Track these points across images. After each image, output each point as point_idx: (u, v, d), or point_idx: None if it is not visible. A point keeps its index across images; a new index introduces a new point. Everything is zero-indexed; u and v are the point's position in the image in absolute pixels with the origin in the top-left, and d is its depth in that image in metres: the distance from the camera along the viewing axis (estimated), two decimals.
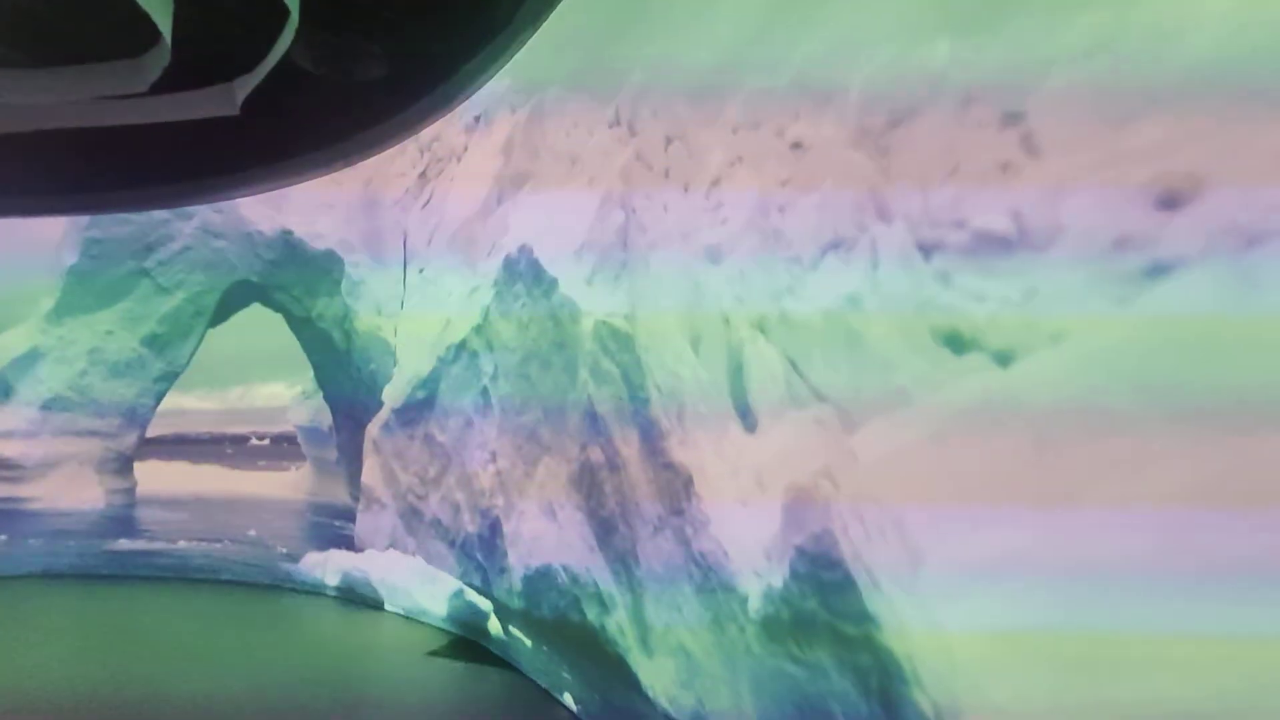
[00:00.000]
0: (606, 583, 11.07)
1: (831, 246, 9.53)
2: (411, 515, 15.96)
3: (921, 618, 5.23)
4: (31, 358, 18.96)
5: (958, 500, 5.76)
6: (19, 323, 19.17)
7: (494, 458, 13.37)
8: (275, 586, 17.90)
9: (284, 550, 18.24)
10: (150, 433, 20.49)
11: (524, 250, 12.62)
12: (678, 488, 9.18)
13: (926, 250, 8.11)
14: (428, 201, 19.05)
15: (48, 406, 18.75)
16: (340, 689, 12.58)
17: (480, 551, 14.05)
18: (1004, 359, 6.73)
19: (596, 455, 11.11)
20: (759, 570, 7.66)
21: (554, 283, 11.93)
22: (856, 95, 9.81)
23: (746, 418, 9.64)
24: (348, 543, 17.67)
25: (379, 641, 15.48)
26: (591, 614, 11.38)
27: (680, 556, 9.12)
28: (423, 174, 19.85)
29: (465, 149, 18.15)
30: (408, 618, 15.94)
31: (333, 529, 19.03)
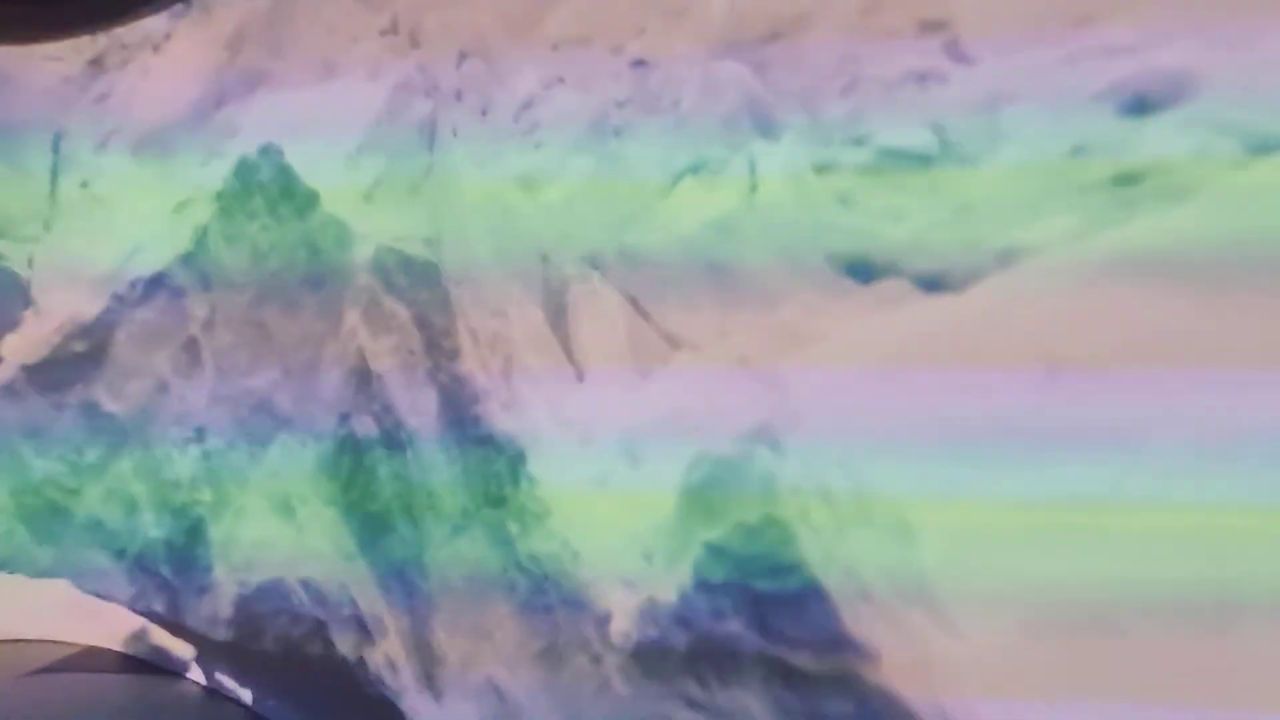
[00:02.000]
0: (371, 601, 8.26)
1: (691, 170, 8.10)
2: (50, 517, 11.23)
3: (952, 646, 3.67)
4: None
5: (956, 451, 4.31)
6: None
7: (200, 435, 9.65)
8: None
9: None
10: None
11: (268, 153, 9.18)
12: (499, 468, 6.84)
13: (820, 169, 6.94)
14: (104, 97, 14.10)
15: None
16: None
17: (169, 565, 10.12)
18: (931, 284, 5.62)
19: (366, 427, 8.26)
20: (631, 577, 5.68)
21: (312, 197, 8.76)
22: (721, 8, 8.68)
23: (574, 371, 7.66)
24: None
25: None
26: (344, 644, 8.45)
27: (497, 561, 6.78)
28: (95, 61, 14.68)
29: (167, 37, 13.70)
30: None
31: None
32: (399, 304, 7.81)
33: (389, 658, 7.99)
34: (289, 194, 9.10)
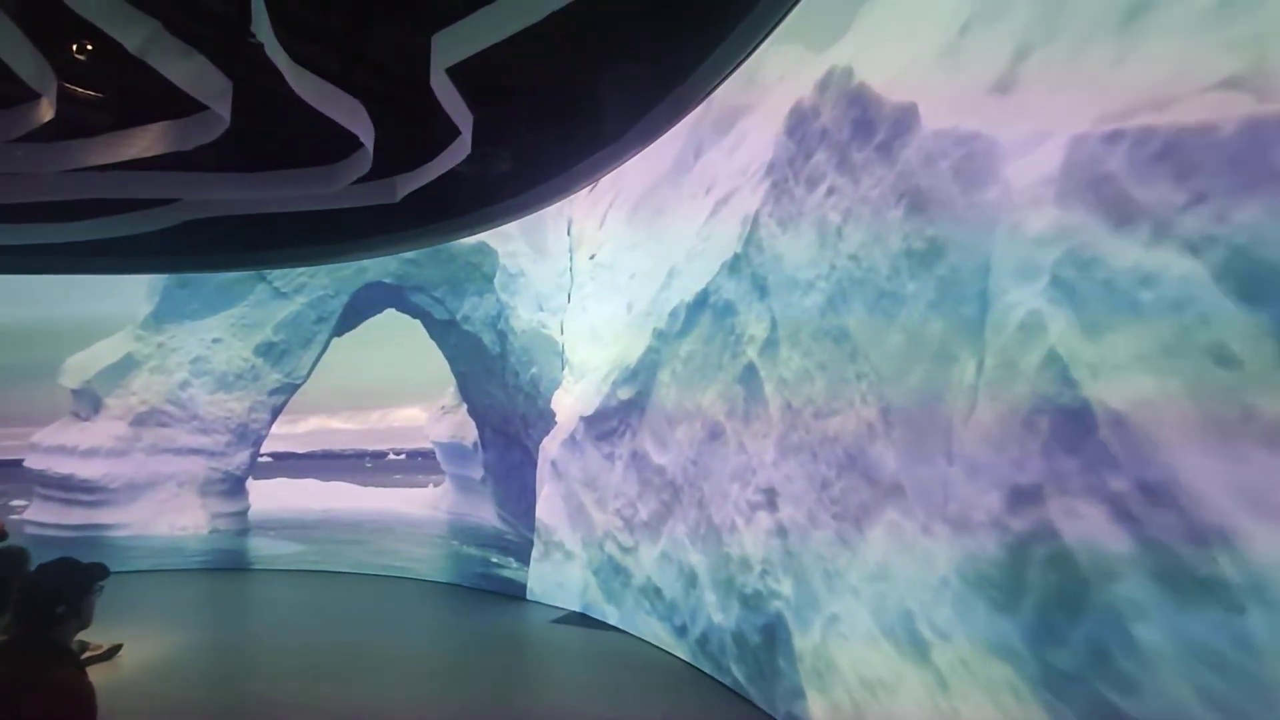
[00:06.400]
0: None
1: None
2: (613, 574, 10.09)
3: None
4: (124, 367, 16.38)
5: None
6: (112, 331, 17.04)
7: (770, 499, 7.02)
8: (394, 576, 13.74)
9: None
10: (266, 449, 17.45)
11: (828, 85, 6.13)
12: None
13: None
14: (594, 186, 14.66)
15: (140, 421, 15.95)
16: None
17: (741, 667, 7.72)
18: None
19: (1078, 521, 4.30)
20: None
21: (910, 111, 5.34)
22: None
23: None
24: (513, 597, 12.28)
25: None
26: None
27: None
28: None
29: None
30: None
31: (488, 566, 14.49)
32: (1061, 298, 3.79)
33: None
34: (867, 126, 5.85)
